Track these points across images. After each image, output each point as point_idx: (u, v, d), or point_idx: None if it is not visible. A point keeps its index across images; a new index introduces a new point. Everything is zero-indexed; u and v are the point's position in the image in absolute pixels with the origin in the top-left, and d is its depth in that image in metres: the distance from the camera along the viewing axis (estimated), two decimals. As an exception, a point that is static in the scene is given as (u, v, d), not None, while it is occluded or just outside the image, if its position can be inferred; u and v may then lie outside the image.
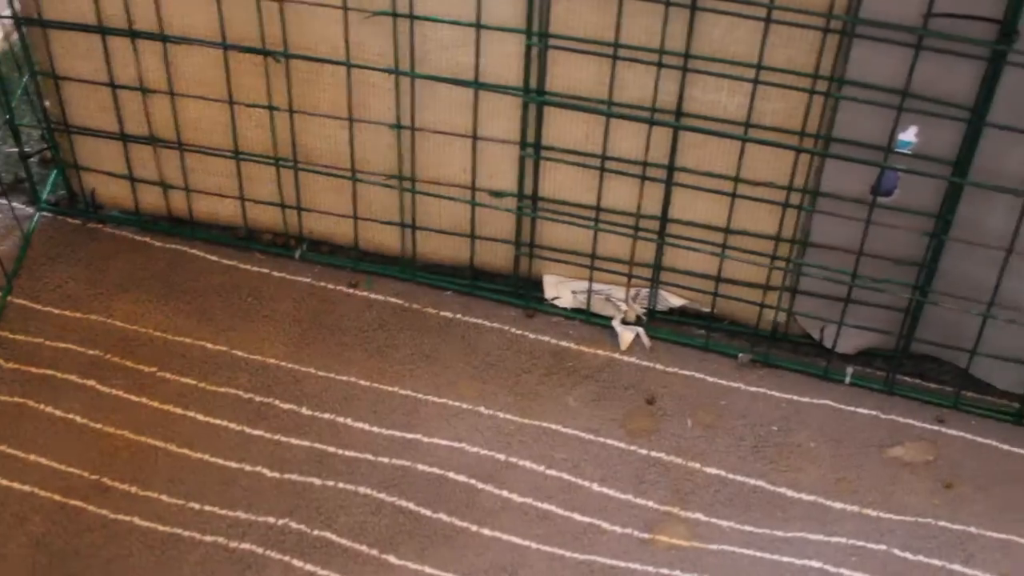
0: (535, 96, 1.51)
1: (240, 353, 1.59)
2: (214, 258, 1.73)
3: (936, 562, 1.37)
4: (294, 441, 1.48)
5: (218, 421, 1.50)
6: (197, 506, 1.40)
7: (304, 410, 1.52)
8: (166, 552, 1.35)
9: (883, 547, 1.37)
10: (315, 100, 1.60)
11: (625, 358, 1.61)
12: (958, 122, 1.39)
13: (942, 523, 1.41)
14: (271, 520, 1.38)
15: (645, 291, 1.65)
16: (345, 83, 1.56)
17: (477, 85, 1.52)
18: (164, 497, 1.41)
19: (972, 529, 1.40)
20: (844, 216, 1.49)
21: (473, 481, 1.43)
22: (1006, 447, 1.51)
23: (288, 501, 1.41)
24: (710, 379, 1.58)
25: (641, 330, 1.63)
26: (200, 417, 1.50)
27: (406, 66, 1.53)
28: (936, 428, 1.53)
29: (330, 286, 1.69)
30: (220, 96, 1.63)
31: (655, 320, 1.66)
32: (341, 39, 1.53)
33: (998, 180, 1.42)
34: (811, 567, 1.35)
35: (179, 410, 1.51)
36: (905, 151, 1.43)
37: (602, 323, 1.65)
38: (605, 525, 1.39)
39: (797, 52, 1.42)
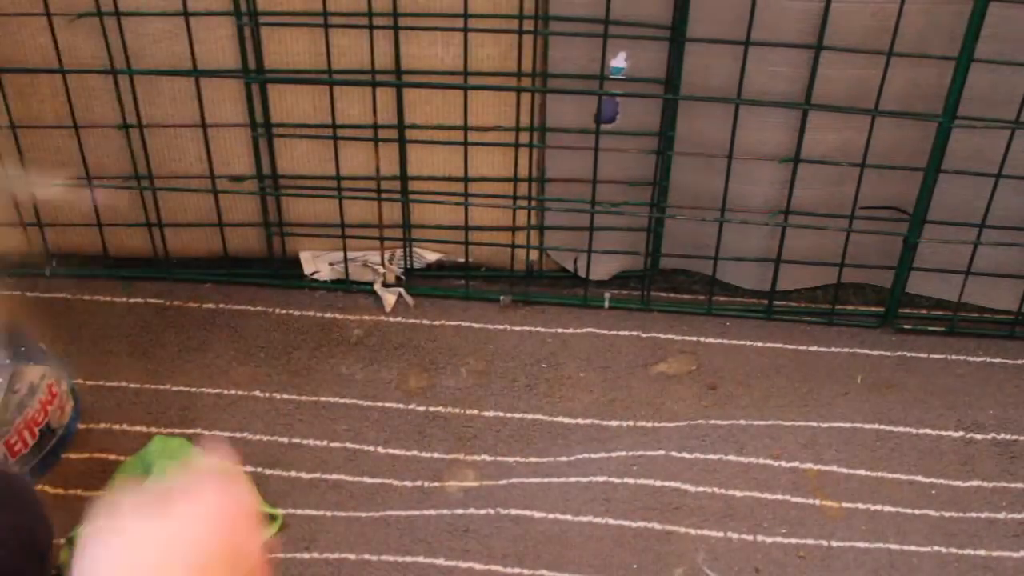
0: (255, 76, 1.51)
1: (2, 381, 1.55)
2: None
3: (712, 456, 1.43)
4: (72, 456, 1.44)
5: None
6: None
7: (78, 425, 1.49)
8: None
9: (661, 452, 1.43)
10: (37, 112, 1.57)
11: (391, 319, 1.63)
12: (662, 42, 1.46)
13: (712, 421, 1.47)
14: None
15: (400, 251, 1.67)
16: (64, 91, 1.53)
17: (196, 73, 1.50)
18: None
19: (741, 422, 1.48)
20: (574, 148, 1.54)
21: (260, 469, 1.43)
22: (759, 344, 1.60)
23: (77, 519, 1.37)
24: (476, 326, 1.62)
25: (402, 290, 1.65)
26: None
27: (122, 64, 1.51)
28: (695, 339, 1.60)
29: (86, 297, 1.65)
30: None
31: (414, 278, 1.69)
32: (51, 47, 1.50)
33: (706, 92, 1.49)
34: (596, 482, 1.39)
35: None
36: (619, 77, 1.49)
37: (364, 289, 1.67)
38: (395, 482, 1.41)
39: (501, -4, 1.46)
